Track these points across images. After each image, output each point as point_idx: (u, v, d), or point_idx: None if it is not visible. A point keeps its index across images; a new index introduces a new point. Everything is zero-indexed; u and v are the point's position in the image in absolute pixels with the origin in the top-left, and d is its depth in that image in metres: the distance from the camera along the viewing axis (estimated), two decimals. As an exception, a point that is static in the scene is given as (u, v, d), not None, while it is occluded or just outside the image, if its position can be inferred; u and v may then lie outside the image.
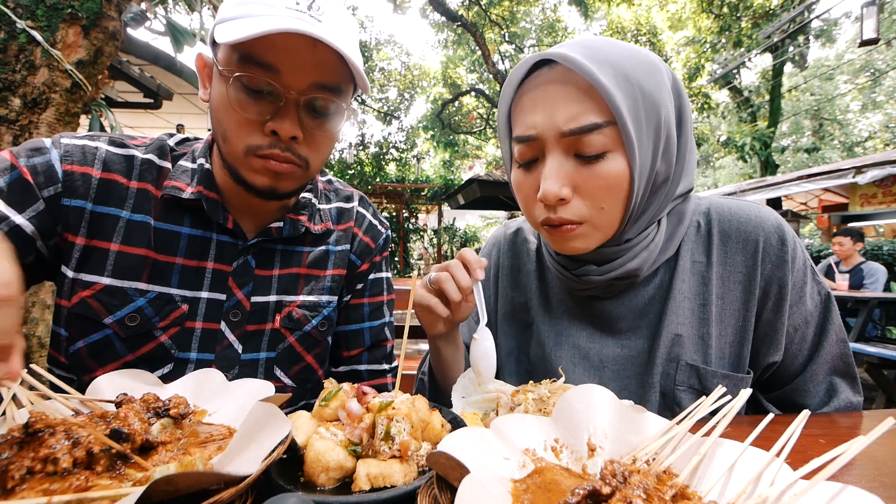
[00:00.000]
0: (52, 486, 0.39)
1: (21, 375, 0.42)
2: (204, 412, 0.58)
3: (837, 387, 0.76)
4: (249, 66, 0.67)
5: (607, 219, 0.70)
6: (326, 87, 0.71)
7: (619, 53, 0.66)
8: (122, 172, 0.77)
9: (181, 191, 0.78)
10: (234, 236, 0.82)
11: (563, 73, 0.66)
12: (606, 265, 0.76)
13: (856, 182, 6.23)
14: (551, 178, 0.67)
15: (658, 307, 0.78)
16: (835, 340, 0.76)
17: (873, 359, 3.47)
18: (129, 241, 0.75)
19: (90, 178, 0.74)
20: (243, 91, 0.69)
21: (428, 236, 14.84)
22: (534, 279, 0.91)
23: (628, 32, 15.14)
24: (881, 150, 19.44)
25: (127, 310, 0.74)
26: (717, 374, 0.73)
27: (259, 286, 0.84)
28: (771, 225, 0.75)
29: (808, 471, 0.37)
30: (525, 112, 0.70)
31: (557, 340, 0.84)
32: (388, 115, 16.75)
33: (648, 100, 0.66)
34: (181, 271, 0.79)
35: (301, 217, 0.87)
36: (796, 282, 0.74)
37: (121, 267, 0.75)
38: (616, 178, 0.66)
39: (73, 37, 1.84)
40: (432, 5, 13.18)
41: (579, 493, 0.36)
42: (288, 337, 0.87)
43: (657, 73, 0.68)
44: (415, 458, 0.50)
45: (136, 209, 0.77)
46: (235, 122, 0.70)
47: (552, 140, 0.67)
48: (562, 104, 0.66)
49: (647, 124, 0.66)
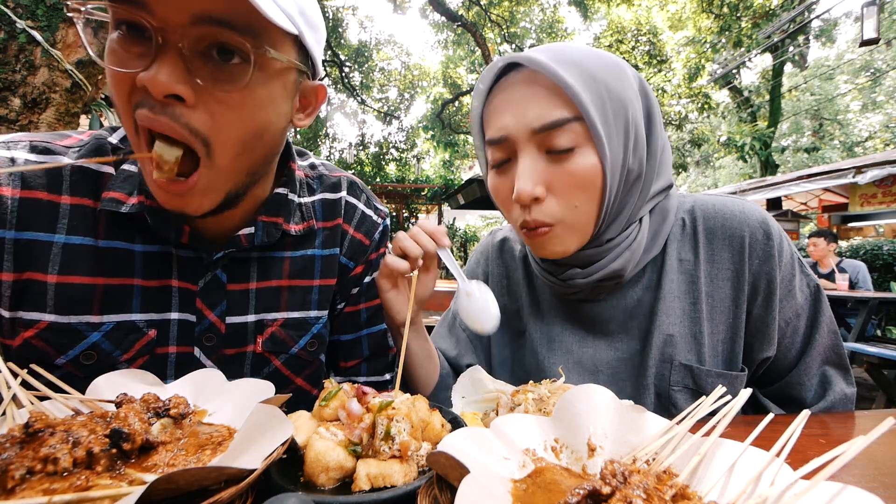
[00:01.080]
0: (52, 485, 0.39)
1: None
2: (204, 412, 0.58)
3: (831, 378, 0.77)
4: (118, 6, 0.51)
5: (582, 218, 0.70)
6: (222, 22, 0.51)
7: (585, 55, 0.68)
8: (47, 187, 0.62)
9: (120, 203, 0.64)
10: (195, 250, 0.69)
11: (530, 74, 0.68)
12: (590, 267, 0.76)
13: (856, 182, 6.24)
14: (524, 177, 0.67)
15: (648, 307, 0.78)
16: (826, 332, 0.77)
17: (873, 359, 3.47)
18: (69, 269, 0.62)
19: (5, 199, 0.60)
20: (110, 37, 0.53)
21: (428, 236, 14.81)
22: (523, 286, 0.91)
23: (628, 32, 15.14)
24: (881, 150, 19.43)
25: (80, 348, 0.63)
26: (712, 373, 0.74)
27: (234, 304, 0.72)
28: (755, 220, 0.75)
29: (808, 471, 0.37)
30: (496, 115, 0.71)
31: (550, 347, 0.84)
32: (388, 115, 16.75)
33: (615, 97, 0.67)
34: (142, 293, 0.66)
35: (276, 219, 0.73)
36: (784, 276, 0.75)
37: (63, 301, 0.62)
38: (588, 174, 0.67)
39: (73, 37, 1.85)
40: (432, 5, 13.18)
41: (579, 493, 0.36)
42: (273, 360, 0.76)
43: (622, 75, 0.70)
44: (415, 458, 0.50)
45: (73, 230, 0.63)
46: (111, 78, 0.53)
47: (523, 139, 0.68)
48: (530, 103, 0.67)
49: (615, 120, 0.67)
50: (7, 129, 1.78)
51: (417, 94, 18.06)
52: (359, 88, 15.55)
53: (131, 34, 0.52)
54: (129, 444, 0.45)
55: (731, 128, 17.86)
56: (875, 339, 4.53)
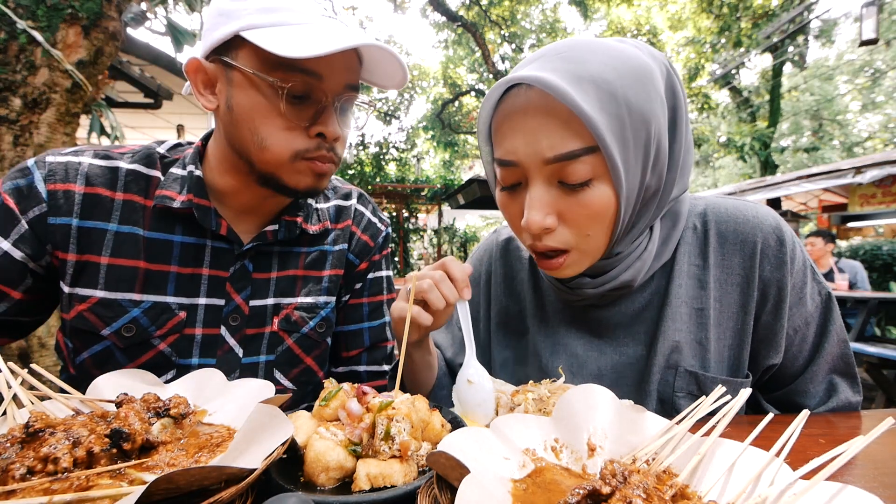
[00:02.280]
0: (52, 485, 0.39)
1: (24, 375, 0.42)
2: (204, 412, 0.58)
3: (837, 386, 0.76)
4: (296, 75, 0.69)
5: (594, 244, 0.68)
6: (354, 87, 0.76)
7: (604, 63, 0.61)
8: (106, 185, 0.77)
9: (171, 200, 0.77)
10: (228, 242, 0.82)
11: (542, 96, 0.62)
12: (601, 277, 0.75)
13: (855, 182, 6.24)
14: (535, 209, 0.65)
15: (655, 313, 0.77)
16: (836, 341, 0.75)
17: (873, 359, 3.47)
18: (119, 253, 0.76)
19: (73, 194, 0.75)
20: (288, 98, 0.70)
21: (428, 236, 14.84)
22: (528, 288, 0.90)
23: (628, 32, 15.13)
24: (881, 150, 19.44)
25: (122, 321, 0.75)
26: (717, 379, 0.72)
27: (257, 290, 0.84)
28: (769, 225, 0.74)
29: (808, 471, 0.37)
30: (505, 136, 0.67)
31: (554, 350, 0.83)
32: (388, 115, 16.75)
33: (636, 115, 0.61)
34: (177, 279, 0.79)
35: (297, 218, 0.87)
36: (796, 283, 0.73)
37: (112, 279, 0.75)
38: (602, 206, 0.64)
39: (74, 37, 1.85)
40: (432, 5, 13.18)
41: (579, 493, 0.36)
42: (286, 339, 0.86)
43: (647, 81, 0.63)
44: (415, 458, 0.50)
45: (124, 221, 0.77)
46: (279, 129, 0.71)
47: (535, 168, 0.64)
48: (543, 132, 0.62)
49: (634, 145, 0.63)
50: (7, 128, 1.78)
51: (417, 94, 18.06)
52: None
53: (303, 97, 0.71)
54: (129, 444, 0.45)
55: (730, 128, 17.85)
56: (875, 339, 4.52)
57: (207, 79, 0.75)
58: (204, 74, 0.75)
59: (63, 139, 1.93)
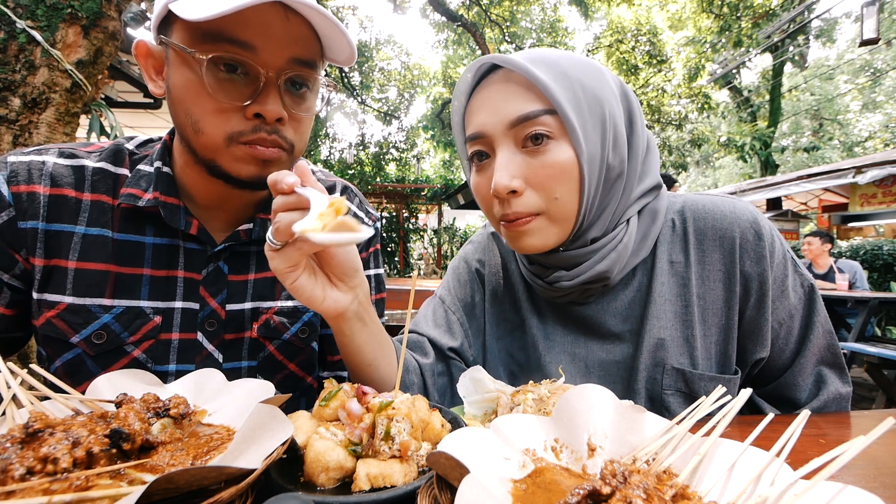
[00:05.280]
0: (52, 485, 0.39)
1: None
2: (204, 412, 0.58)
3: (826, 378, 0.76)
4: (222, 45, 0.61)
5: (563, 209, 0.70)
6: (304, 62, 0.67)
7: (560, 56, 0.70)
8: (72, 185, 0.72)
9: (137, 198, 0.72)
10: (201, 242, 0.77)
11: (506, 74, 0.70)
12: (575, 269, 0.75)
13: (856, 182, 6.24)
14: (501, 171, 0.68)
15: (639, 311, 0.78)
16: (821, 332, 0.76)
17: (873, 359, 3.47)
18: (87, 256, 0.71)
19: (38, 195, 0.70)
20: (217, 73, 0.63)
21: (428, 236, 14.85)
22: (519, 279, 0.90)
23: (628, 32, 15.13)
24: (881, 150, 19.43)
25: (92, 327, 0.71)
26: (705, 376, 0.73)
27: (233, 293, 0.79)
28: (746, 220, 0.74)
29: (808, 471, 0.37)
30: (475, 113, 0.73)
31: (547, 343, 0.84)
32: (388, 115, 16.75)
33: (589, 93, 0.68)
34: (151, 282, 0.74)
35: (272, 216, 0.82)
36: (777, 276, 0.74)
37: (81, 284, 0.71)
38: (564, 165, 0.67)
39: (73, 37, 1.85)
40: (432, 5, 13.18)
41: (579, 493, 0.36)
42: (267, 346, 0.82)
43: (599, 76, 0.71)
44: (415, 458, 0.50)
45: (92, 223, 0.72)
46: (211, 110, 0.64)
47: (500, 134, 0.69)
48: (506, 99, 0.69)
49: (589, 114, 0.68)
50: (7, 128, 1.78)
51: (417, 94, 18.05)
52: (359, 88, 15.54)
53: (235, 73, 0.64)
54: (129, 444, 0.45)
55: (731, 128, 17.86)
56: (875, 339, 4.52)
57: (157, 63, 0.70)
58: (153, 58, 0.70)
59: (63, 139, 1.93)
